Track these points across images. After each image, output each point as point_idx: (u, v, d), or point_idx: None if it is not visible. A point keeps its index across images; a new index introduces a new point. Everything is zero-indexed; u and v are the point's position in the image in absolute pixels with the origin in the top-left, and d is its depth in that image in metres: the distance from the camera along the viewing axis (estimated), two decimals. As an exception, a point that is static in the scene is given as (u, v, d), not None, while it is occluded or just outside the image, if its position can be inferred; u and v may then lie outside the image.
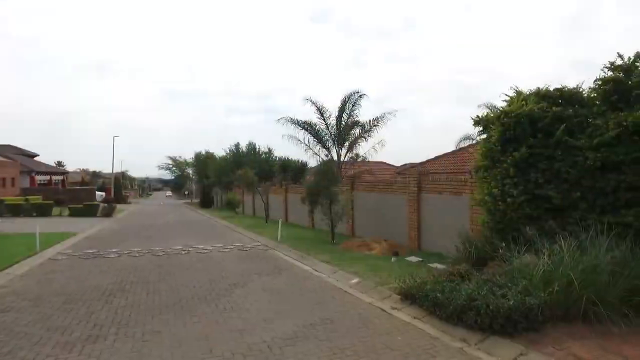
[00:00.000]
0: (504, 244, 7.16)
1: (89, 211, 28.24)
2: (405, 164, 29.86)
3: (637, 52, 7.07)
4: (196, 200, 60.95)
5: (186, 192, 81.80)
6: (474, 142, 20.10)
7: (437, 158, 21.38)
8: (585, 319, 5.20)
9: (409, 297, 6.56)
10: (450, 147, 24.97)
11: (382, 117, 21.98)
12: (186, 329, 5.74)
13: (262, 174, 31.67)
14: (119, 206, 38.01)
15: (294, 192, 21.42)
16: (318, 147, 23.21)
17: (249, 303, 7.00)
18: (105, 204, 31.97)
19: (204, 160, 53.44)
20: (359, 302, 7.11)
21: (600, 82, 7.36)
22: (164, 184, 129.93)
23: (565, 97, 7.74)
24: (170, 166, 72.86)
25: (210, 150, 55.44)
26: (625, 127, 6.46)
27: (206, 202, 49.63)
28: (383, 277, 8.31)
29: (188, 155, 70.42)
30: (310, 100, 23.00)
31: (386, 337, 5.40)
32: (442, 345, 5.13)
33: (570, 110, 7.34)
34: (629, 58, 7.12)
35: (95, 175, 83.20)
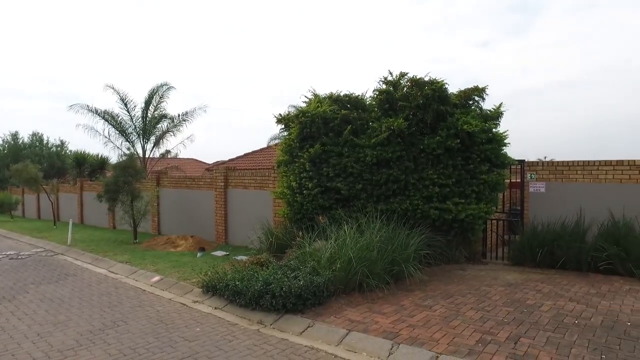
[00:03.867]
0: (300, 233, 7.86)
1: None
2: (218, 161, 29.70)
3: (401, 72, 8.60)
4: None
5: None
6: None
7: (246, 155, 21.93)
8: (360, 289, 6.13)
9: (211, 289, 6.58)
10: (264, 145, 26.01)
11: (192, 111, 21.34)
12: None
13: (53, 170, 27.06)
14: None
15: (91, 190, 18.96)
16: (121, 140, 21.13)
17: (18, 318, 5.92)
18: None
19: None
20: (159, 299, 6.79)
21: (377, 93, 8.71)
22: None
23: (352, 102, 8.89)
24: None
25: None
26: (393, 131, 7.83)
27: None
28: (186, 272, 8.12)
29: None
30: (112, 88, 20.78)
31: (185, 330, 5.30)
32: (240, 330, 5.32)
33: (355, 114, 8.47)
34: (396, 75, 8.63)
35: None
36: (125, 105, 20.74)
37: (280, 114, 9.35)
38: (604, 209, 8.03)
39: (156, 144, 21.47)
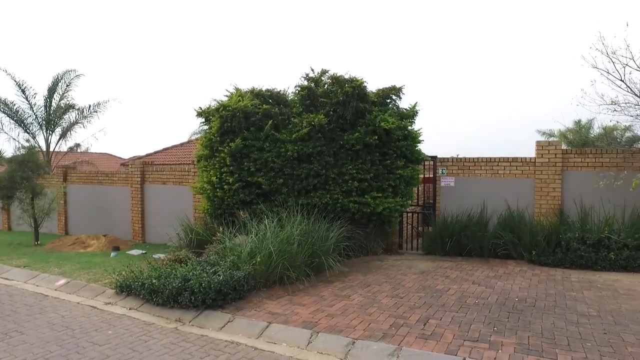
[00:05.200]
0: (221, 228, 7.72)
1: None
2: (135, 157, 28.03)
3: (323, 69, 8.79)
4: None
5: None
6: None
7: (165, 150, 20.97)
8: (281, 282, 6.20)
9: (125, 289, 6.25)
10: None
11: (105, 102, 19.79)
12: None
13: None
14: None
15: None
16: (18, 130, 19.04)
17: None
18: None
19: None
20: (64, 304, 6.29)
21: (299, 88, 8.80)
22: None
23: (274, 97, 8.90)
24: None
25: None
26: (314, 126, 7.98)
27: None
28: (98, 274, 7.61)
29: None
30: (5, 71, 18.68)
31: (94, 334, 4.98)
32: (157, 330, 5.12)
33: (277, 109, 8.49)
34: (318, 72, 8.79)
35: None
36: (24, 92, 18.71)
37: (200, 107, 9.09)
38: (503, 200, 8.91)
39: (63, 136, 19.67)
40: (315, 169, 8.03)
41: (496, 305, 5.40)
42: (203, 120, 9.19)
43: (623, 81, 8.33)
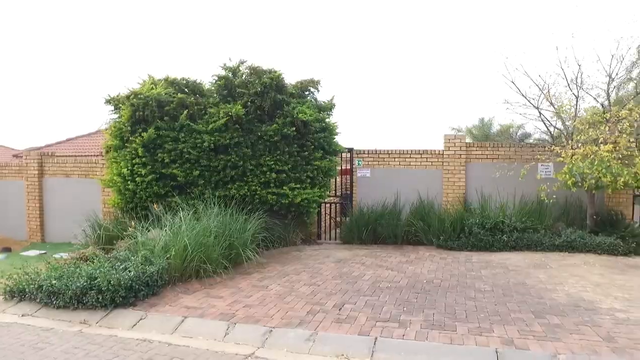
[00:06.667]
0: (133, 222, 7.30)
1: None
2: (32, 148, 25.36)
3: (241, 59, 8.63)
4: None
5: None
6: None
7: (69, 140, 19.25)
8: (198, 276, 6.04)
9: (18, 293, 5.62)
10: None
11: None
12: None
13: None
14: None
15: None
16: None
17: None
18: None
19: None
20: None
21: (216, 78, 8.57)
22: None
23: (190, 87, 8.57)
24: None
25: None
26: (231, 117, 7.83)
27: None
28: (-19, 279, 6.79)
29: None
30: None
31: (-27, 348, 4.45)
32: (56, 335, 4.71)
33: (193, 98, 8.19)
34: (236, 62, 8.62)
35: None
36: None
37: (109, 95, 8.49)
38: (415, 190, 9.48)
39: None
40: (233, 161, 7.90)
41: (406, 287, 5.76)
42: (112, 108, 8.58)
43: (514, 83, 9.27)
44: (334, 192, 10.19)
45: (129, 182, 7.94)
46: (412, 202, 9.33)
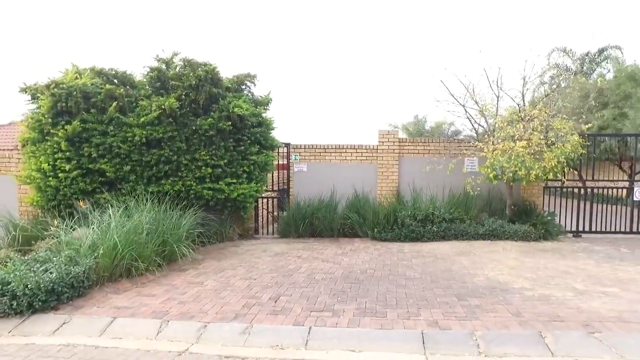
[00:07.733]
0: (56, 221, 6.85)
1: None
2: None
3: (174, 51, 8.36)
4: None
5: None
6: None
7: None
8: (129, 275, 5.81)
9: None
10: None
11: None
12: None
13: None
14: None
15: None
16: None
17: None
18: None
19: None
20: None
21: (149, 69, 8.24)
22: None
23: (120, 78, 8.18)
24: None
25: None
26: (164, 110, 7.58)
27: None
28: None
29: None
30: None
31: None
32: (-35, 344, 4.34)
33: (123, 90, 7.82)
34: (169, 54, 8.34)
35: None
36: None
37: (24, 83, 7.86)
38: (351, 184, 9.74)
39: None
40: (167, 155, 7.66)
41: (341, 278, 5.94)
42: (29, 98, 7.97)
43: (442, 82, 9.82)
44: (271, 186, 10.20)
45: (50, 178, 7.44)
46: (348, 196, 9.59)
